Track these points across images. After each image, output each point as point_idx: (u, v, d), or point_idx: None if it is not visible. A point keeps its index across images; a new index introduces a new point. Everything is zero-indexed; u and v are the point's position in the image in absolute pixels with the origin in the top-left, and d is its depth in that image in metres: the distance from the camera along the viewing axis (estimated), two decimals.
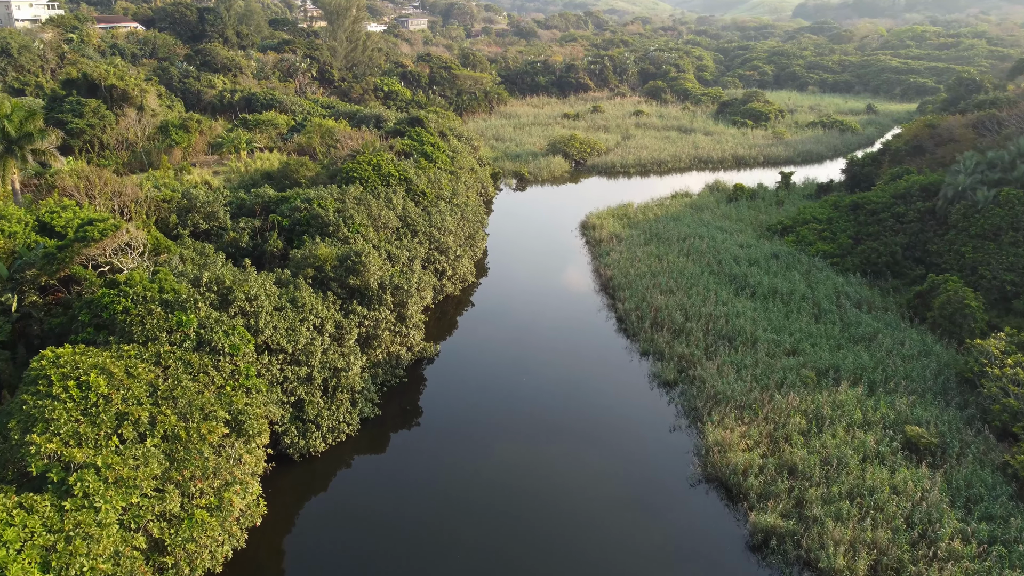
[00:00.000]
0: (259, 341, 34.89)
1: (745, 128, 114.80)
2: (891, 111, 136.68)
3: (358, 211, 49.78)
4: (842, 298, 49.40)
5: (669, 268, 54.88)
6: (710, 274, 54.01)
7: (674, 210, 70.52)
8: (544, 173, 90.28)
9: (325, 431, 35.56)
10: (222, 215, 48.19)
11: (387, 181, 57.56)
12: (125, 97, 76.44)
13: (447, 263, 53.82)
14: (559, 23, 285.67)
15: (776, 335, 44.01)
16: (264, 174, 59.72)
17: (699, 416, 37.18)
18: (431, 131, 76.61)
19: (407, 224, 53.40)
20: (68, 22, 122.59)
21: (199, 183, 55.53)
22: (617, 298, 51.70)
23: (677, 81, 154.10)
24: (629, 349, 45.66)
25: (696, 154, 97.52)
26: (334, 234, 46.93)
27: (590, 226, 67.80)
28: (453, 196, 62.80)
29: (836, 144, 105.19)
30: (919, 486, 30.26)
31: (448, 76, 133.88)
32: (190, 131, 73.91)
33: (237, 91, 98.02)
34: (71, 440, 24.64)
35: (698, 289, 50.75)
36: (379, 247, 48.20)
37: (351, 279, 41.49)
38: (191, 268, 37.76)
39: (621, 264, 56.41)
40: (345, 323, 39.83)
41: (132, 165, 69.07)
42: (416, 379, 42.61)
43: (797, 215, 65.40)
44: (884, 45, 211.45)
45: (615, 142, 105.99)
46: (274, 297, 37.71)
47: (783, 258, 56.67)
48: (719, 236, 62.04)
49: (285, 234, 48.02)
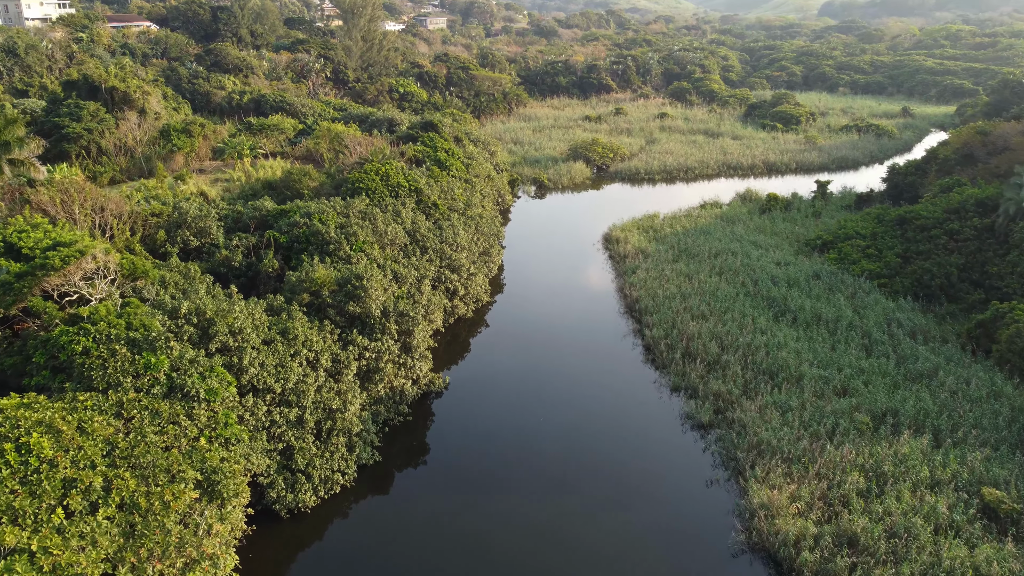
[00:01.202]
0: (243, 381, 30.97)
1: (775, 132, 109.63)
2: (928, 114, 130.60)
3: (362, 227, 45.81)
4: (894, 326, 44.65)
5: (700, 289, 50.37)
6: (745, 296, 49.43)
7: (704, 222, 65.89)
8: (564, 180, 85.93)
9: (317, 482, 31.55)
10: (215, 231, 44.42)
11: (396, 192, 53.56)
12: (126, 100, 73.13)
13: (459, 282, 49.73)
14: (580, 22, 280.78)
15: (823, 371, 39.41)
16: (266, 184, 55.94)
17: (740, 469, 32.74)
18: (445, 136, 72.56)
19: (416, 240, 49.35)
20: (78, 21, 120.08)
21: (194, 194, 51.86)
22: (644, 323, 47.29)
23: (702, 82, 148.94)
24: (658, 383, 41.27)
25: (724, 160, 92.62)
26: (335, 253, 42.98)
27: (614, 239, 63.39)
28: (467, 207, 58.71)
29: (872, 150, 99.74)
30: (1005, 567, 25.65)
31: (466, 77, 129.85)
32: (193, 136, 70.41)
33: (246, 93, 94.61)
34: (3, 517, 20.80)
35: (733, 314, 46.21)
36: (384, 266, 44.21)
37: (351, 306, 37.49)
38: (170, 296, 33.94)
39: (648, 284, 51.97)
40: (343, 356, 35.84)
41: (131, 172, 65.67)
42: (422, 416, 38.53)
43: (838, 229, 60.56)
44: (917, 45, 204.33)
45: (639, 147, 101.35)
46: (263, 328, 33.80)
47: (825, 278, 51.95)
48: (753, 252, 57.37)
49: (283, 252, 44.17)
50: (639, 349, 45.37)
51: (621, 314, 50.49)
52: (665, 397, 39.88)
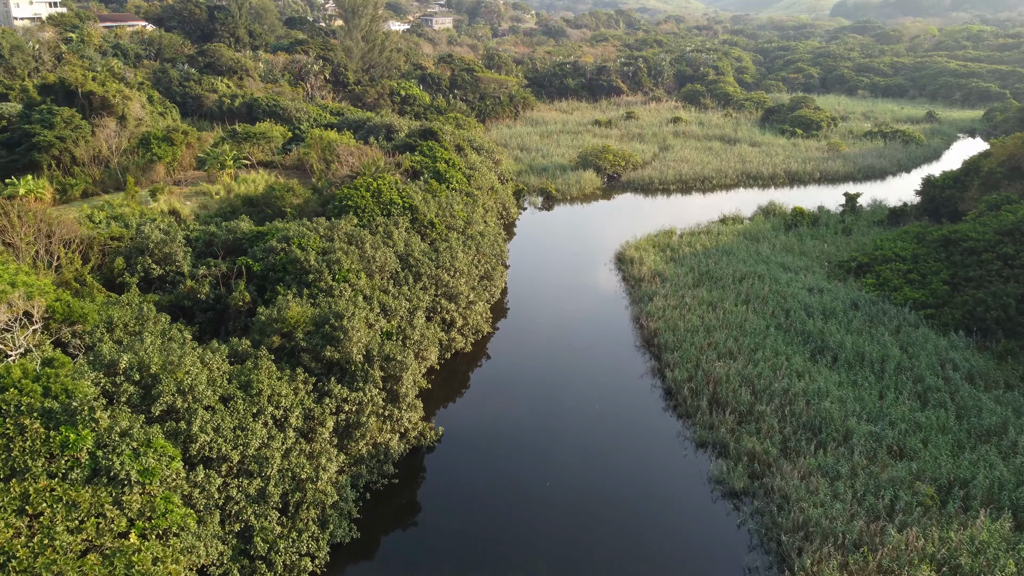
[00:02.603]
0: (192, 451, 25.98)
1: (795, 138, 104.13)
2: (954, 119, 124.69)
3: (348, 252, 40.79)
4: (948, 368, 39.34)
5: (726, 321, 45.14)
6: (777, 329, 44.20)
7: (725, 240, 60.60)
8: (574, 190, 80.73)
9: (280, 570, 26.53)
10: (181, 257, 39.45)
11: (388, 210, 48.53)
12: (105, 105, 68.38)
13: (457, 312, 44.65)
14: (589, 22, 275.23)
15: (873, 425, 34.17)
16: (246, 200, 50.95)
17: (784, 555, 27.55)
18: (446, 145, 67.50)
19: (409, 265, 44.30)
20: (68, 20, 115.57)
21: (164, 213, 46.92)
22: (664, 362, 42.06)
23: (716, 84, 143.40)
24: (682, 436, 36.09)
25: (744, 169, 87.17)
26: (315, 284, 37.97)
27: (627, 259, 58.16)
28: (467, 225, 53.63)
29: (900, 158, 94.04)
30: None
31: (471, 79, 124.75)
32: (175, 144, 65.54)
33: (238, 97, 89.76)
34: None
35: (765, 352, 40.97)
36: (371, 298, 39.19)
37: (328, 351, 32.47)
38: (115, 342, 28.98)
39: (667, 314, 46.75)
40: (317, 411, 30.84)
41: (105, 184, 60.84)
42: (410, 477, 33.46)
43: (874, 250, 55.23)
44: (937, 46, 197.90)
45: (652, 154, 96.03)
46: (221, 382, 28.81)
47: (865, 308, 46.65)
48: (783, 276, 52.10)
49: (257, 282, 39.19)
50: (659, 392, 40.18)
51: (637, 348, 45.30)
52: (690, 454, 34.69)
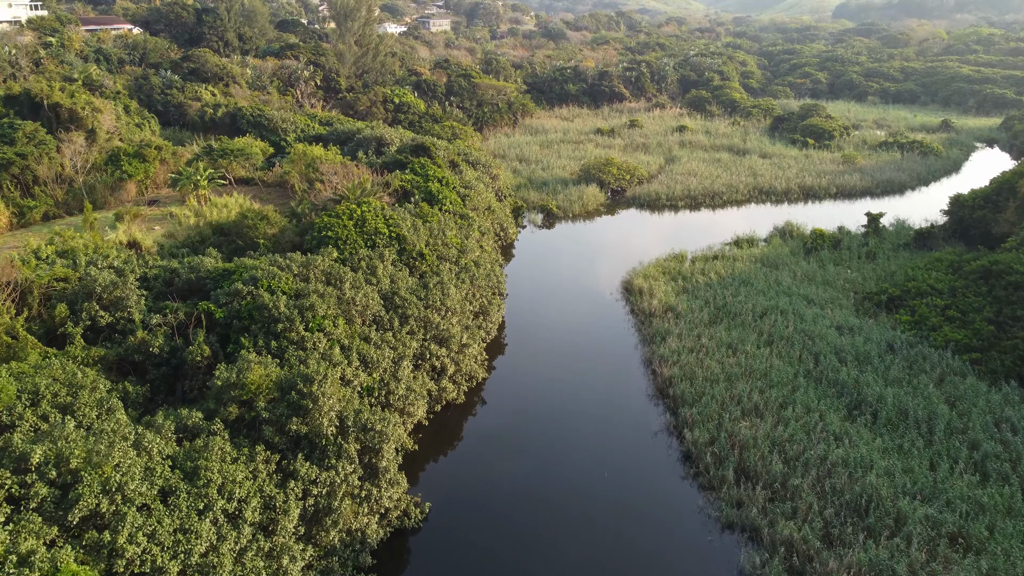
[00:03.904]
0: (117, 568, 21.28)
1: (807, 149, 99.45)
2: (970, 127, 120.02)
3: (324, 295, 36.08)
4: (1005, 430, 34.67)
5: (749, 367, 40.45)
6: (807, 378, 39.52)
7: (741, 268, 55.89)
8: (576, 207, 76.02)
9: None
10: (133, 302, 34.66)
11: (372, 241, 43.80)
12: (73, 118, 63.64)
13: (448, 358, 39.94)
14: (590, 24, 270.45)
15: (928, 507, 29.48)
16: (217, 228, 46.17)
17: None
18: (439, 162, 62.78)
19: (395, 306, 39.59)
20: (48, 24, 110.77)
21: (123, 245, 42.08)
22: (682, 418, 37.30)
23: (722, 91, 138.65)
24: (704, 513, 31.40)
25: (755, 184, 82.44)
26: (285, 334, 33.25)
27: (635, 289, 53.46)
28: (461, 254, 48.91)
29: (919, 171, 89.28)
30: None
31: (468, 85, 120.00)
32: (147, 160, 60.79)
33: (221, 107, 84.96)
34: None
35: (796, 409, 36.27)
36: (350, 348, 34.53)
37: (294, 422, 27.78)
38: (28, 430, 24.24)
39: (682, 358, 42.02)
40: (280, 498, 26.13)
41: (69, 205, 56.09)
42: (391, 565, 28.77)
43: (906, 281, 50.58)
44: (947, 50, 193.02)
45: (657, 166, 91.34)
46: (162, 470, 24.09)
47: (902, 352, 41.97)
48: (807, 312, 47.42)
49: (220, 331, 34.44)
50: (676, 454, 35.49)
51: (650, 397, 40.59)
52: (715, 538, 30.00)
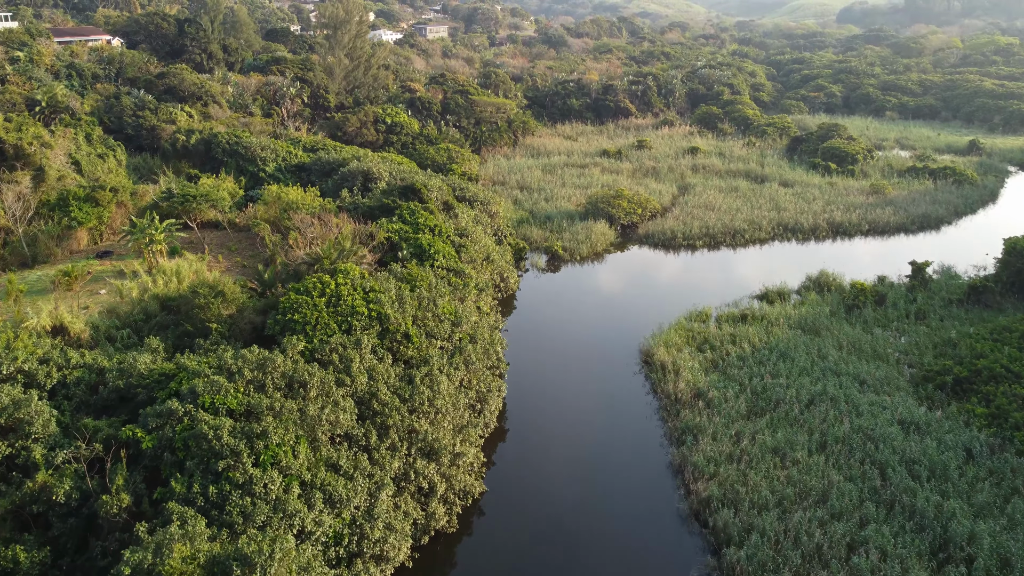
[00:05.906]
0: None
1: (830, 175, 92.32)
2: (1000, 148, 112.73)
3: (282, 413, 28.90)
4: None
5: (803, 487, 33.30)
6: (875, 503, 32.35)
7: (778, 334, 48.74)
8: (583, 247, 68.85)
9: None
10: (39, 426, 27.44)
11: (348, 324, 36.60)
12: (19, 155, 56.46)
13: (437, 475, 32.80)
14: (591, 30, 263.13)
15: None
16: (164, 303, 38.94)
17: None
18: (431, 207, 55.61)
19: (373, 413, 32.44)
20: (16, 37, 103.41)
21: (45, 332, 34.77)
22: (727, 563, 30.06)
23: (733, 106, 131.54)
24: None
25: (779, 219, 75.26)
26: (227, 474, 26.09)
27: (656, 362, 46.29)
28: (455, 327, 41.73)
29: (956, 203, 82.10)
30: None
31: (465, 103, 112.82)
32: (101, 204, 53.62)
33: (195, 132, 77.64)
34: None
35: (869, 551, 29.14)
36: (312, 484, 27.40)
37: None
38: None
39: (721, 471, 34.83)
40: None
41: (7, 261, 48.91)
42: None
43: (972, 357, 43.46)
44: (964, 60, 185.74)
45: (670, 196, 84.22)
46: None
47: (982, 459, 34.89)
48: (861, 399, 40.28)
49: (148, 464, 27.28)
50: None
51: (683, 521, 33.41)
52: None
